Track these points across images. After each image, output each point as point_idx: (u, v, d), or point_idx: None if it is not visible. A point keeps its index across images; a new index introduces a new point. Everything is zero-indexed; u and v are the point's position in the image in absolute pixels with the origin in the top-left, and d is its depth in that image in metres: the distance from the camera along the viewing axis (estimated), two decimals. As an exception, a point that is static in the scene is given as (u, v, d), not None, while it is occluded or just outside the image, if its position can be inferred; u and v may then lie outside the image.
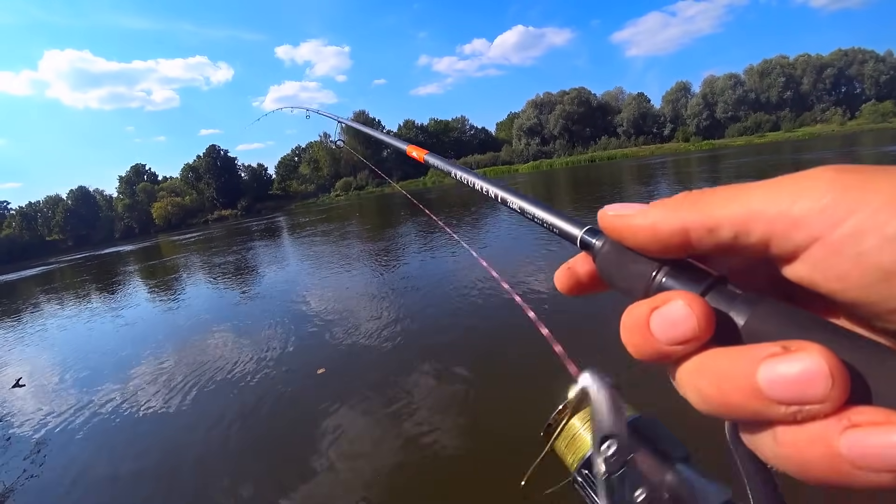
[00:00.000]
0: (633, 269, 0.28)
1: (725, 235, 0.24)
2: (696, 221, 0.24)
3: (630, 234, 0.27)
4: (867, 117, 54.60)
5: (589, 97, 71.68)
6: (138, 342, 7.40)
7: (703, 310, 0.24)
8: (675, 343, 0.24)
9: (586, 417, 0.34)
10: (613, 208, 0.29)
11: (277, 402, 4.42)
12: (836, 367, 0.19)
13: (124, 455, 3.95)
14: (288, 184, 78.65)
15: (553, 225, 0.35)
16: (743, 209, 0.23)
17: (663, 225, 0.25)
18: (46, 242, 70.80)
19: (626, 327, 0.26)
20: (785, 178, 0.23)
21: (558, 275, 0.34)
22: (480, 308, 5.97)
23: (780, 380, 0.20)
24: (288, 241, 20.45)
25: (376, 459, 3.24)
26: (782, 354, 0.20)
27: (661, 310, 0.25)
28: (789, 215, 0.21)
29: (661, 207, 0.26)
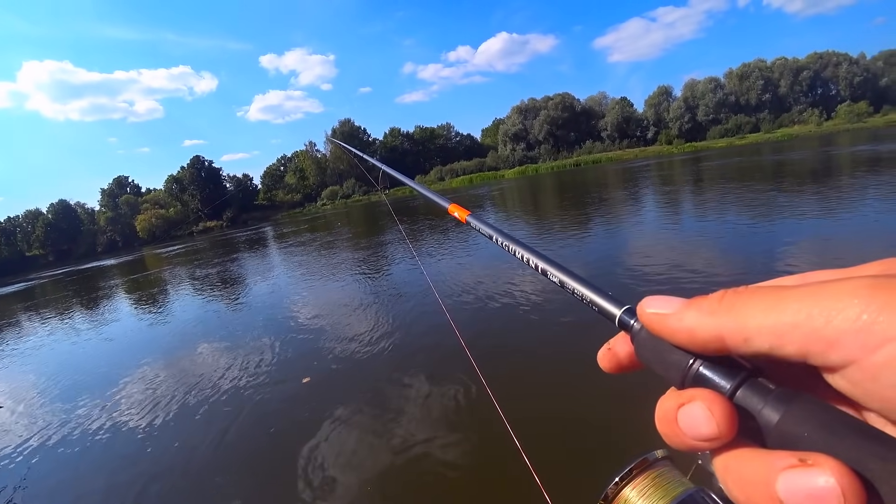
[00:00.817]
0: (669, 358, 0.28)
1: (761, 346, 0.24)
2: (731, 330, 0.25)
3: (668, 333, 0.28)
4: (843, 118, 55.85)
5: (573, 102, 72.36)
6: (120, 359, 7.25)
7: (724, 413, 0.24)
8: (700, 440, 0.25)
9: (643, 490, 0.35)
10: (652, 304, 0.29)
11: (263, 414, 4.34)
12: (850, 485, 0.19)
13: (105, 475, 3.84)
14: (274, 193, 78.02)
15: (592, 301, 0.36)
16: (777, 322, 0.23)
17: (700, 330, 0.26)
18: (26, 258, 69.37)
19: (659, 418, 0.27)
20: (822, 287, 0.23)
21: (601, 355, 0.35)
22: (468, 315, 5.94)
23: (797, 493, 0.20)
24: (274, 251, 20.27)
25: (363, 471, 3.18)
26: (799, 467, 0.21)
27: (685, 408, 0.26)
28: (824, 335, 0.21)
29: (697, 310, 0.27)
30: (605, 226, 11.33)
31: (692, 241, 8.26)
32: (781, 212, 9.22)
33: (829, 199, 9.78)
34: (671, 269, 6.44)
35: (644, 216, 12.20)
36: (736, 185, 15.24)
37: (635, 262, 7.23)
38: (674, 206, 13.12)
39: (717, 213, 10.48)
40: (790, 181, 14.58)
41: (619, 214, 12.83)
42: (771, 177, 16.68)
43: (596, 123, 71.88)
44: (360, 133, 76.86)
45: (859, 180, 12.29)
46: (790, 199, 10.45)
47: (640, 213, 12.73)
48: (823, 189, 11.35)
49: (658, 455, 0.36)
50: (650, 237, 9.18)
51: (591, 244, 9.27)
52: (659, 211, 12.80)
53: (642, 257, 7.49)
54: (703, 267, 6.38)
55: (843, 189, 10.97)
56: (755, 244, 7.22)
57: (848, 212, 8.41)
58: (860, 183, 11.67)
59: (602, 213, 13.57)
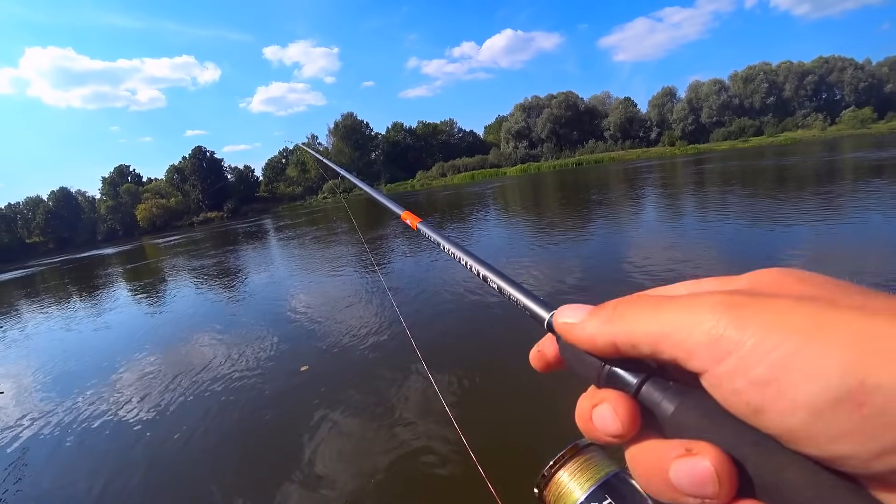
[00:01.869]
0: (586, 360, 0.32)
1: (645, 351, 0.27)
2: (621, 337, 0.28)
3: (576, 341, 0.31)
4: (847, 123, 55.72)
5: (576, 101, 72.17)
6: (119, 347, 7.29)
7: (627, 412, 0.28)
8: (610, 436, 0.29)
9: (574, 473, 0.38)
10: (563, 314, 0.33)
11: (261, 403, 4.37)
12: (724, 469, 0.23)
13: (104, 462, 3.88)
14: (275, 186, 77.92)
15: (525, 306, 0.39)
16: (655, 330, 0.26)
17: (598, 338, 0.29)
18: (26, 245, 69.39)
19: (578, 415, 0.31)
20: (691, 301, 0.26)
21: (532, 355, 0.38)
22: (464, 308, 5.97)
23: (684, 478, 0.24)
24: (274, 243, 20.29)
25: (361, 462, 3.21)
26: (685, 456, 0.25)
27: (597, 409, 0.29)
28: (685, 346, 0.25)
29: (595, 319, 0.30)
30: (603, 225, 11.33)
31: (689, 242, 8.28)
32: (781, 216, 9.23)
33: (830, 204, 9.79)
34: (666, 269, 6.46)
35: (643, 217, 12.21)
36: (737, 188, 15.25)
37: (631, 262, 7.25)
38: (673, 208, 13.12)
39: (717, 215, 10.49)
40: (792, 185, 14.57)
41: (617, 214, 12.83)
42: (772, 181, 16.68)
43: (599, 123, 71.71)
44: (363, 127, 76.65)
45: (862, 187, 12.28)
46: (790, 204, 10.45)
47: (638, 214, 12.73)
48: (824, 194, 11.35)
49: (587, 441, 0.39)
50: (647, 238, 9.19)
51: (587, 243, 9.28)
52: (658, 212, 12.81)
53: (639, 258, 7.50)
54: (700, 269, 6.40)
55: (844, 195, 10.97)
56: (753, 247, 7.24)
57: (848, 218, 8.42)
58: (863, 189, 11.66)
59: (601, 213, 13.56)
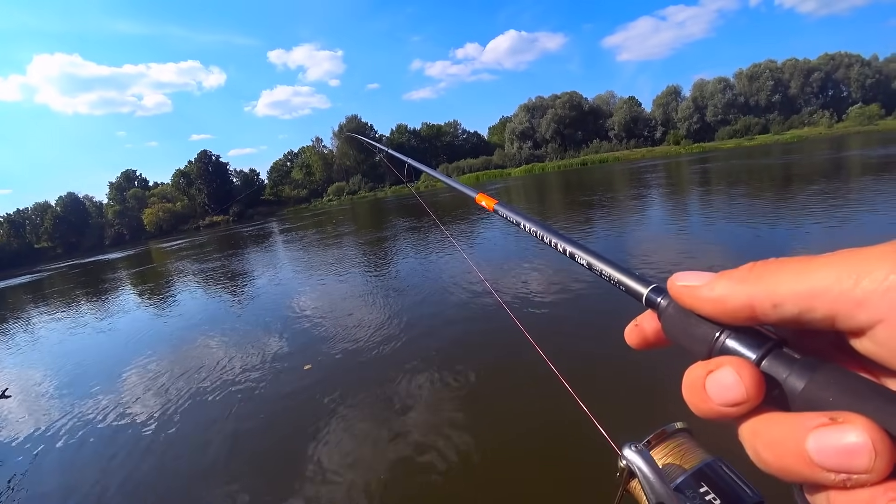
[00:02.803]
0: (697, 331, 0.29)
1: (790, 312, 0.24)
2: (761, 297, 0.25)
3: (698, 305, 0.29)
4: (854, 120, 55.26)
5: (580, 101, 72.03)
6: (127, 350, 7.32)
7: (752, 377, 0.25)
8: (728, 405, 0.26)
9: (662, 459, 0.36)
10: (682, 278, 0.30)
11: (267, 403, 4.37)
12: (881, 441, 0.20)
13: (111, 464, 3.88)
14: (280, 189, 78.23)
15: (619, 281, 0.37)
16: (807, 287, 0.23)
17: (730, 299, 0.27)
18: (35, 250, 69.94)
19: (686, 386, 0.28)
20: (850, 253, 0.23)
21: (628, 331, 0.36)
22: (472, 313, 5.96)
23: (829, 449, 0.21)
24: (280, 246, 20.34)
25: (368, 465, 3.21)
26: (829, 426, 0.21)
27: (714, 374, 0.26)
28: (852, 296, 0.22)
29: (727, 280, 0.27)
30: (607, 225, 11.29)
31: (695, 242, 8.23)
32: (787, 215, 9.17)
33: (839, 203, 9.71)
34: (671, 269, 6.41)
35: (647, 216, 12.14)
36: (742, 188, 15.15)
37: (635, 261, 7.21)
38: (678, 207, 13.05)
39: (723, 214, 10.42)
40: (798, 184, 14.46)
41: (622, 214, 12.77)
42: (779, 180, 16.56)
43: (603, 123, 71.53)
44: (367, 129, 76.81)
45: (870, 185, 12.17)
46: (796, 203, 10.37)
47: (643, 214, 12.67)
48: (832, 193, 11.26)
49: (677, 427, 0.37)
50: (651, 237, 9.15)
51: (596, 243, 9.25)
52: (663, 211, 12.73)
53: (643, 256, 7.47)
54: (706, 267, 6.35)
55: (852, 194, 10.88)
56: (760, 247, 7.19)
57: (857, 218, 8.34)
58: (871, 188, 11.56)
59: (605, 213, 13.52)
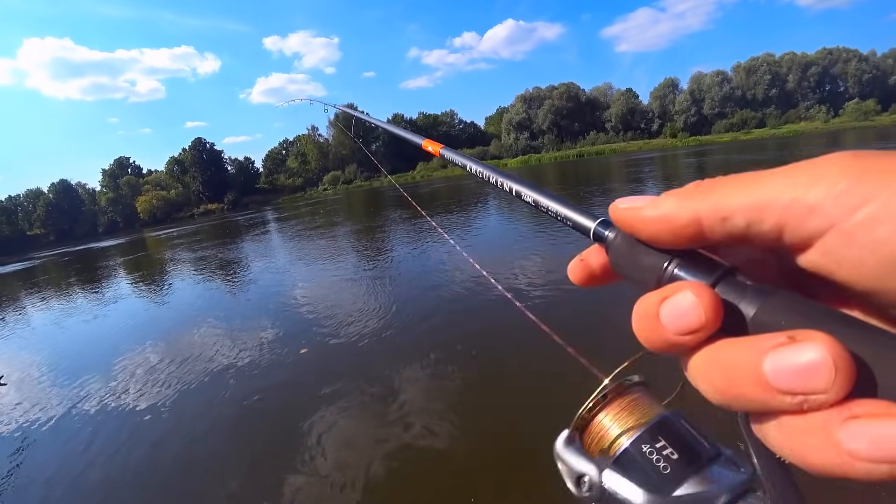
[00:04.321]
0: (644, 261, 0.28)
1: (738, 224, 0.23)
2: (708, 210, 0.24)
3: (642, 225, 0.27)
4: (850, 115, 55.46)
5: (578, 92, 71.80)
6: (121, 338, 7.28)
7: (711, 300, 0.23)
8: (684, 333, 0.24)
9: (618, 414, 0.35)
10: (625, 201, 0.29)
11: (262, 386, 4.37)
12: (841, 357, 0.19)
13: (106, 452, 3.88)
14: (275, 177, 77.75)
15: (566, 217, 0.35)
16: (756, 197, 0.23)
17: (675, 215, 0.25)
18: (27, 237, 69.44)
19: (637, 317, 0.26)
20: (800, 164, 0.23)
21: (571, 267, 0.34)
22: (468, 298, 5.97)
23: (786, 370, 0.20)
24: (274, 234, 20.26)
25: (366, 453, 3.22)
26: (788, 344, 0.20)
27: (669, 300, 0.25)
28: (803, 202, 0.21)
29: (672, 197, 0.26)
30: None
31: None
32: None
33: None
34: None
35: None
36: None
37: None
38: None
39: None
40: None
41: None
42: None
43: (600, 114, 71.39)
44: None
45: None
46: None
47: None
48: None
49: (631, 380, 0.36)
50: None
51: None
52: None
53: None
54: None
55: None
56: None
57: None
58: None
59: (601, 203, 13.51)
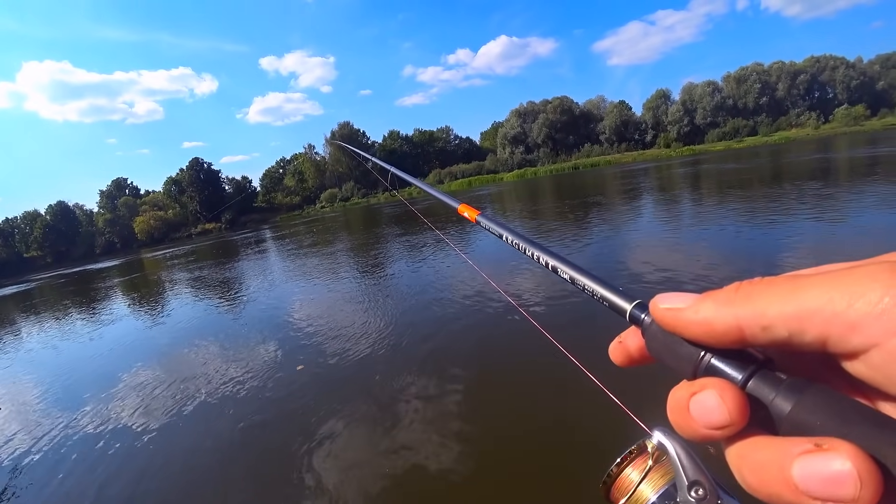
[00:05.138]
0: (681, 350, 0.28)
1: (780, 334, 0.23)
2: (749, 318, 0.24)
3: (683, 328, 0.27)
4: (840, 121, 56.12)
5: (571, 106, 72.51)
6: (118, 359, 7.25)
7: (736, 401, 0.24)
8: (712, 428, 0.25)
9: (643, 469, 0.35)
10: (665, 300, 0.29)
11: (260, 404, 4.35)
12: (867, 469, 0.19)
13: (101, 476, 3.85)
14: (273, 196, 77.97)
15: (602, 297, 0.35)
16: (797, 308, 0.22)
17: (717, 322, 0.25)
18: (24, 259, 69.24)
19: (671, 407, 0.27)
20: (841, 272, 0.22)
21: (612, 349, 0.34)
22: (472, 314, 5.97)
23: (813, 477, 0.20)
24: (272, 253, 20.26)
25: (363, 472, 3.20)
26: (815, 452, 0.20)
27: (697, 396, 0.25)
28: (845, 318, 0.21)
29: (713, 302, 0.26)
30: (602, 227, 11.36)
31: (689, 243, 8.29)
32: (780, 215, 9.27)
33: (828, 202, 9.83)
34: (668, 270, 6.47)
35: (640, 219, 12.24)
36: (734, 189, 15.30)
37: (633, 263, 7.26)
38: (670, 209, 13.15)
39: (715, 215, 10.52)
40: (788, 184, 14.63)
41: (615, 217, 12.86)
42: (769, 180, 16.74)
43: (594, 127, 72.03)
44: (359, 136, 76.81)
45: (859, 185, 12.34)
46: (788, 203, 10.49)
47: (636, 216, 12.76)
48: (822, 193, 11.40)
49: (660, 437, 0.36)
50: (646, 239, 9.21)
51: (587, 244, 9.30)
52: (655, 214, 12.84)
53: (639, 259, 7.52)
54: (702, 270, 6.41)
55: (842, 192, 11.02)
56: (754, 247, 7.26)
57: (848, 216, 8.45)
58: (860, 187, 11.72)
59: (599, 216, 13.60)
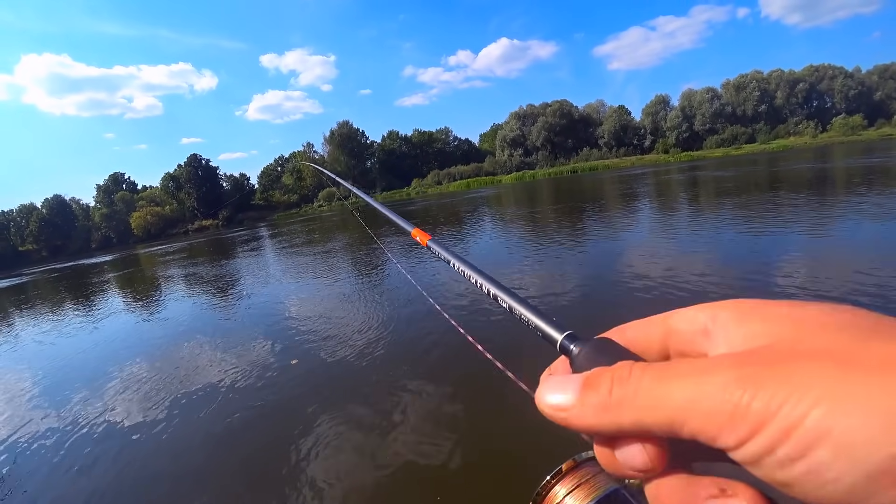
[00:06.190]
0: None
1: (658, 433, 0.25)
2: (629, 428, 0.25)
3: (573, 428, 0.28)
4: (838, 130, 56.55)
5: (571, 109, 72.76)
6: (111, 353, 7.23)
7: (656, 451, 0.25)
8: (635, 471, 0.26)
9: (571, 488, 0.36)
10: (549, 394, 0.28)
11: (254, 399, 4.34)
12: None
13: (94, 472, 3.83)
14: (270, 194, 77.90)
15: (537, 327, 0.36)
16: (665, 415, 0.24)
17: (601, 428, 0.26)
18: (19, 253, 68.91)
19: (597, 451, 0.28)
20: (700, 373, 0.23)
21: (542, 380, 0.33)
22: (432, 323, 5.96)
23: None
24: (269, 251, 20.22)
25: (356, 469, 3.19)
26: (719, 497, 0.22)
27: (622, 448, 0.26)
28: (707, 426, 0.22)
29: (592, 406, 0.26)
30: (599, 232, 11.37)
31: (686, 250, 8.31)
32: (776, 222, 9.30)
33: (825, 210, 9.87)
34: (663, 277, 6.48)
35: (637, 224, 12.26)
36: (731, 196, 15.35)
37: (627, 270, 7.26)
38: (667, 215, 13.18)
39: (712, 222, 10.55)
40: (786, 192, 14.69)
41: (612, 221, 12.89)
42: (766, 188, 16.81)
43: (593, 131, 72.31)
44: (359, 135, 76.84)
45: (854, 194, 12.39)
46: (785, 211, 10.53)
47: (633, 221, 12.78)
48: (819, 200, 11.45)
49: (586, 456, 0.38)
50: (643, 245, 9.22)
51: (583, 251, 9.31)
52: (652, 219, 12.87)
53: (633, 266, 7.53)
54: (697, 276, 6.42)
55: (838, 201, 11.07)
56: (749, 254, 7.28)
57: (842, 224, 8.48)
58: (856, 195, 11.77)
59: (596, 220, 13.63)
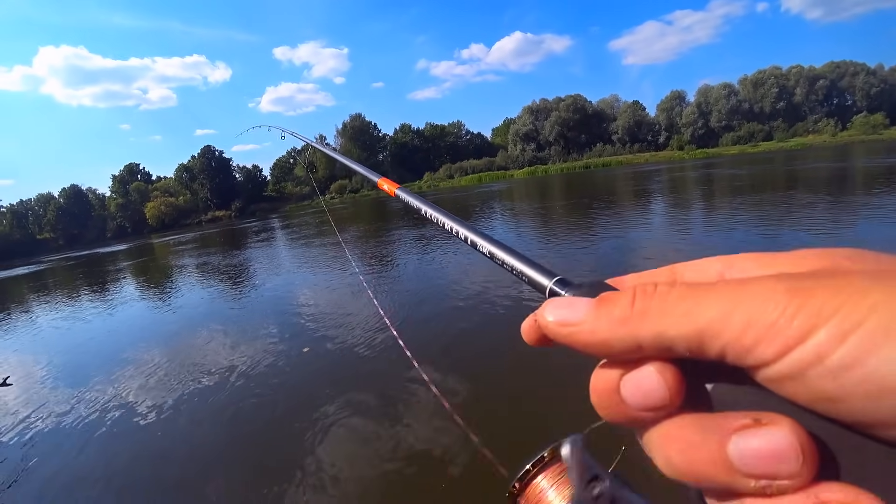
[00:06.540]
0: None
1: (680, 352, 0.22)
2: (649, 341, 0.23)
3: (581, 347, 0.25)
4: (858, 129, 55.25)
5: (584, 104, 72.03)
6: (126, 341, 7.35)
7: (675, 378, 0.23)
8: (647, 410, 0.23)
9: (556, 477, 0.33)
10: (554, 311, 0.26)
11: (264, 385, 4.40)
12: (807, 443, 0.19)
13: (109, 455, 3.91)
14: (283, 185, 78.38)
15: (522, 273, 0.34)
16: (696, 328, 0.21)
17: (615, 343, 0.24)
18: (37, 241, 70.13)
19: (596, 390, 0.25)
20: (739, 286, 0.21)
21: (525, 327, 0.30)
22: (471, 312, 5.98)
23: (751, 454, 0.19)
24: (281, 242, 20.38)
25: (366, 461, 3.23)
26: (753, 427, 0.20)
27: (632, 374, 0.23)
28: (741, 341, 0.20)
29: (607, 319, 0.24)
30: (610, 229, 11.29)
31: (697, 248, 8.23)
32: (790, 223, 9.18)
33: (842, 212, 9.71)
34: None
35: (649, 221, 12.15)
36: (745, 194, 15.15)
37: (638, 267, 7.20)
38: (680, 213, 13.04)
39: (725, 220, 10.44)
40: (802, 191, 14.46)
41: (624, 218, 12.78)
42: (782, 186, 16.55)
43: (607, 126, 71.55)
44: (371, 128, 76.92)
45: (874, 195, 12.16)
46: (800, 211, 10.38)
47: (645, 218, 12.67)
48: (835, 201, 11.26)
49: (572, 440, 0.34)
50: (654, 243, 9.16)
51: (594, 248, 9.26)
52: (664, 217, 12.74)
53: (644, 263, 7.48)
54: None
55: (857, 203, 10.88)
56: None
57: (860, 227, 8.35)
58: (876, 197, 11.55)
59: (608, 217, 13.53)
